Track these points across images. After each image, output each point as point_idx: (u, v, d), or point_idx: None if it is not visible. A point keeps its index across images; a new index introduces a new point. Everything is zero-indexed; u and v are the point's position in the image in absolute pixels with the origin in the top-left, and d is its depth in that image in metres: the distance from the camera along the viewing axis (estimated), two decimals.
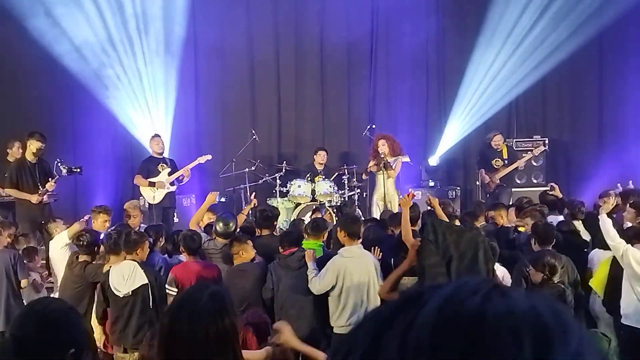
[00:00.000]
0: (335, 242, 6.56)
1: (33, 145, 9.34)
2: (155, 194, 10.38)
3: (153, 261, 6.42)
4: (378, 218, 8.52)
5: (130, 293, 5.69)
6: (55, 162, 9.34)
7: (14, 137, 10.28)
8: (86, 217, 7.43)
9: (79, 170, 9.37)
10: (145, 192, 10.50)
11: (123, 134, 12.04)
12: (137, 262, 5.80)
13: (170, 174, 10.51)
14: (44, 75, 11.66)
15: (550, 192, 8.76)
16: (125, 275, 5.71)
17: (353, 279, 5.72)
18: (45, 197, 9.26)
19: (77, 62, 11.56)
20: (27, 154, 9.41)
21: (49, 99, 11.83)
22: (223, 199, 11.44)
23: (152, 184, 10.39)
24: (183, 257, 6.52)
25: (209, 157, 10.78)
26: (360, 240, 6.16)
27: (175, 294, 5.74)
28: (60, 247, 6.90)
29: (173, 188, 10.61)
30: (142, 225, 8.17)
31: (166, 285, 5.94)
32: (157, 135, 10.90)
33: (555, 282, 5.34)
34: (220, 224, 6.87)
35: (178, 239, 6.60)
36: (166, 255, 6.85)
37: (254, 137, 11.98)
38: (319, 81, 13.16)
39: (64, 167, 9.25)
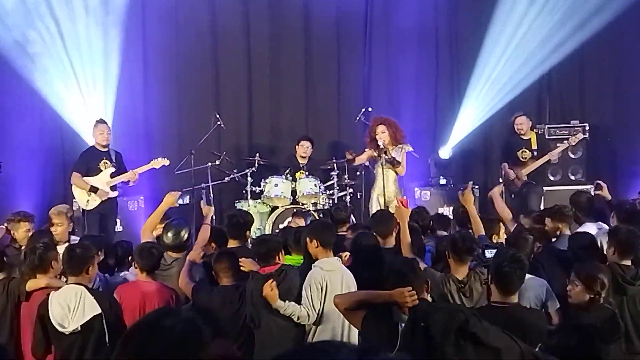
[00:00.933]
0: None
1: None
2: (90, 197, 9.92)
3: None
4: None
5: (80, 329, 5.19)
6: None
7: None
8: (4, 225, 7.27)
9: None
10: (78, 195, 9.92)
11: (53, 118, 11.52)
12: (85, 286, 5.28)
13: (113, 175, 9.95)
14: None
15: (597, 192, 8.33)
16: (71, 306, 5.20)
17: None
18: None
19: None
20: None
21: None
22: (184, 201, 11.01)
23: (93, 190, 9.85)
24: (130, 274, 6.35)
25: (167, 162, 10.24)
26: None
27: None
28: None
29: (114, 194, 10.03)
30: (73, 238, 7.73)
31: None
32: (101, 122, 10.27)
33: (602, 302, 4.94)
34: (169, 234, 6.59)
35: (134, 252, 6.18)
36: (107, 274, 6.54)
37: (219, 123, 11.52)
38: (301, 54, 12.68)
39: None
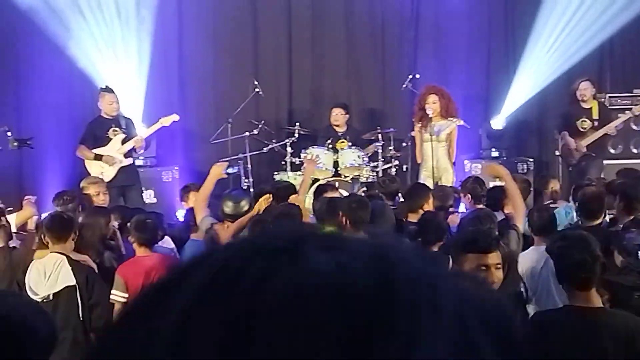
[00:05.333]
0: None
1: None
2: (104, 169, 9.65)
3: (129, 252, 6.29)
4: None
5: (52, 297, 5.39)
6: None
7: None
8: (32, 198, 7.49)
9: (29, 142, 9.17)
10: (92, 168, 9.60)
11: (85, 87, 11.16)
12: (67, 256, 5.44)
13: (125, 141, 9.75)
14: None
15: None
16: (48, 273, 5.44)
17: None
18: None
19: None
20: None
21: None
22: (232, 170, 10.91)
23: (98, 157, 9.56)
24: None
25: (176, 117, 10.16)
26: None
27: (124, 300, 5.45)
28: None
29: (128, 161, 9.78)
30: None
31: (112, 291, 5.60)
32: (107, 90, 9.89)
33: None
34: (229, 203, 6.64)
35: (130, 226, 6.22)
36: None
37: (257, 90, 11.46)
38: (344, 17, 12.49)
39: (13, 139, 8.99)
